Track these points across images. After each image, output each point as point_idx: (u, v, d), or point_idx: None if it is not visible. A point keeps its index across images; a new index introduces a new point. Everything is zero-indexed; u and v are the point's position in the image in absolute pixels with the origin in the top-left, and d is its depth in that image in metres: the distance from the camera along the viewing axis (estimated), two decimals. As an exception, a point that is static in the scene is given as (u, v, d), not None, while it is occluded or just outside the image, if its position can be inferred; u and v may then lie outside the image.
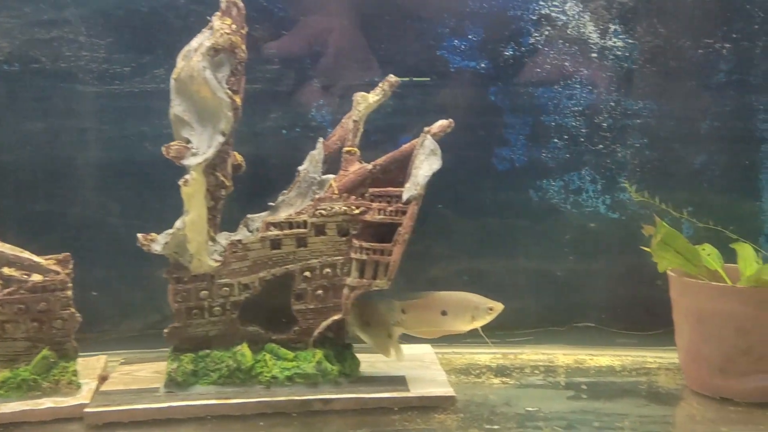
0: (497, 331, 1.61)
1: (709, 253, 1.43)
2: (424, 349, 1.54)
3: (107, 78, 1.53)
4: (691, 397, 1.34)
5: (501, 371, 1.48)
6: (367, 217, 1.30)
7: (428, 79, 1.60)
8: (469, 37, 1.59)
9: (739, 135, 1.59)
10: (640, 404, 1.31)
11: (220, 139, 1.26)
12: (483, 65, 1.60)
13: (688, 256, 1.34)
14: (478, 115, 1.61)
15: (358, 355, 1.39)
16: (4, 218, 1.43)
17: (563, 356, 1.58)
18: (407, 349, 1.54)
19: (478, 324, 1.35)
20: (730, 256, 1.39)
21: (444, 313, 1.36)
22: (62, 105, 1.52)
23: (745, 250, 1.41)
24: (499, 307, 1.35)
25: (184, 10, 1.53)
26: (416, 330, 1.37)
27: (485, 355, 1.58)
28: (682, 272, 1.39)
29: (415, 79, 1.60)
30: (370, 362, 1.43)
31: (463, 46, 1.59)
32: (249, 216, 1.39)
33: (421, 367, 1.44)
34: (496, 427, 1.21)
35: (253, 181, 1.51)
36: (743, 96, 1.58)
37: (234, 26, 1.28)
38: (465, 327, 1.35)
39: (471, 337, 1.40)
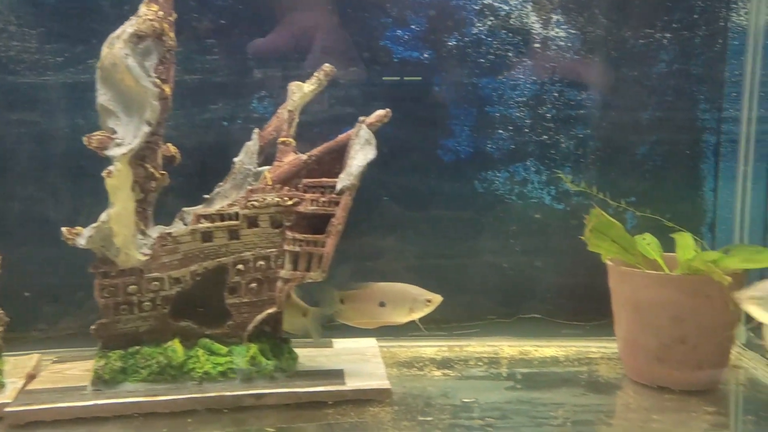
0: (443, 324, 1.61)
1: (648, 243, 1.43)
2: (368, 343, 1.53)
3: (39, 68, 1.49)
4: (629, 386, 1.34)
5: (444, 364, 1.47)
6: (301, 209, 1.28)
7: (420, 78, 1.58)
8: (412, 27, 1.57)
9: (681, 125, 1.60)
10: (578, 393, 1.30)
11: (146, 129, 1.22)
12: (426, 55, 1.58)
13: (625, 245, 1.34)
14: (422, 106, 1.59)
15: (299, 350, 1.37)
16: None
17: (508, 348, 1.57)
18: (352, 342, 1.53)
19: (415, 316, 1.33)
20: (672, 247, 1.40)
21: (382, 304, 1.34)
22: (-8, 96, 1.48)
23: (684, 239, 1.42)
24: (437, 299, 1.34)
25: (118, -1, 1.50)
26: (354, 321, 1.35)
27: (431, 348, 1.56)
28: (621, 261, 1.38)
29: (406, 78, 1.58)
30: (310, 356, 1.41)
31: (406, 36, 1.58)
32: (185, 209, 1.36)
33: (361, 360, 1.42)
34: (429, 418, 1.20)
35: (194, 173, 1.49)
36: (684, 86, 1.58)
37: (161, 13, 1.25)
38: (403, 318, 1.34)
39: (415, 330, 1.39)
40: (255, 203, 1.28)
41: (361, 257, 1.59)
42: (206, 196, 1.36)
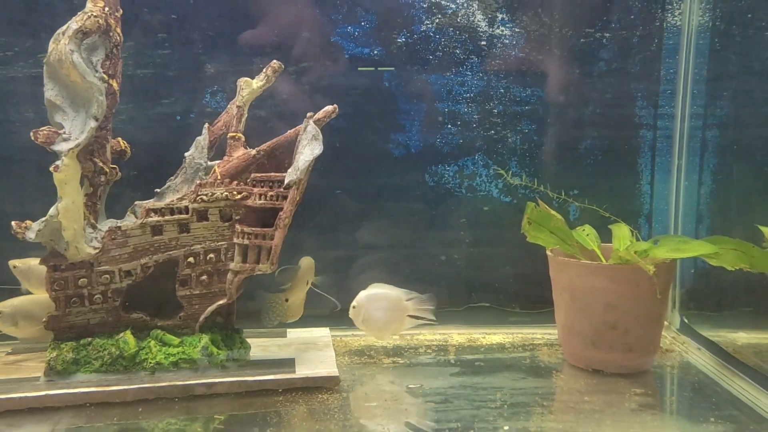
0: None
1: (588, 234, 1.50)
2: (321, 332, 1.57)
3: (-13, 63, 1.49)
4: (567, 370, 1.41)
5: (395, 352, 1.52)
6: (249, 202, 1.31)
7: (392, 68, 1.61)
8: (362, 24, 1.61)
9: (619, 121, 1.67)
10: (518, 378, 1.37)
11: (93, 124, 1.24)
12: (376, 52, 1.62)
13: (562, 236, 1.40)
14: (373, 101, 1.63)
15: (252, 340, 1.40)
16: None
17: (458, 335, 1.63)
18: (306, 332, 1.57)
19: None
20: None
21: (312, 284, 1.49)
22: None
23: (621, 230, 1.49)
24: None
25: (68, -7, 1.50)
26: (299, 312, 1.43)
27: (383, 337, 1.61)
28: (561, 252, 1.45)
29: (380, 68, 1.61)
30: (263, 346, 1.45)
31: (356, 33, 1.61)
32: (137, 203, 1.38)
33: (313, 349, 1.46)
34: (374, 404, 1.24)
35: (147, 167, 1.51)
36: (622, 84, 1.65)
37: (107, 9, 1.27)
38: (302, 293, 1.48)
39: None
40: (204, 197, 1.30)
41: (315, 249, 1.62)
42: (157, 190, 1.39)
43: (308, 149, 1.31)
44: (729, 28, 1.56)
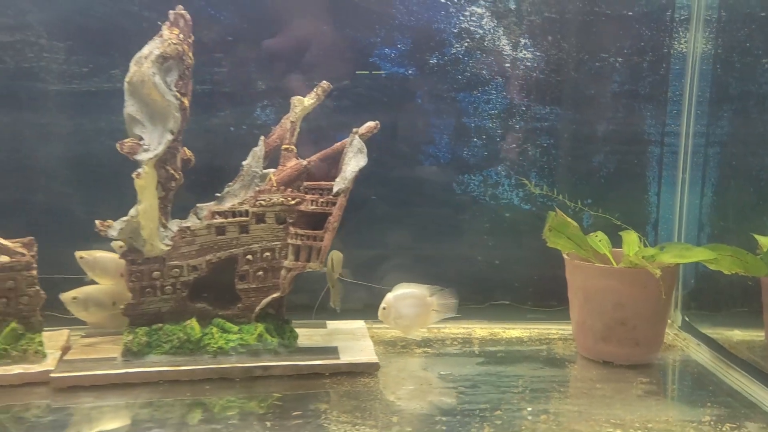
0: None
1: (600, 239, 1.66)
2: (358, 325, 1.74)
3: (66, 77, 1.66)
4: (580, 361, 1.57)
5: (424, 343, 1.68)
6: (302, 208, 1.48)
7: (383, 72, 1.77)
8: (398, 46, 1.78)
9: (630, 137, 1.84)
10: (536, 367, 1.53)
11: (169, 137, 1.41)
12: (410, 72, 1.79)
13: (578, 241, 1.57)
14: (406, 116, 1.80)
15: (299, 330, 1.57)
16: None
17: (480, 330, 1.80)
18: (343, 324, 1.74)
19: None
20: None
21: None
22: (25, 102, 1.65)
23: (630, 237, 1.65)
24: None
25: (137, 16, 1.67)
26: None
27: (412, 330, 1.78)
28: (576, 255, 1.62)
29: (374, 72, 1.77)
30: (307, 335, 1.62)
31: (392, 54, 1.78)
32: (198, 205, 1.55)
33: (352, 339, 1.63)
34: (411, 387, 1.41)
35: (203, 173, 1.68)
36: (633, 104, 1.82)
37: (181, 36, 1.44)
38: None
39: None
40: (263, 202, 1.48)
41: (350, 248, 1.79)
42: (218, 194, 1.56)
43: (354, 161, 1.49)
44: (729, 56, 1.72)
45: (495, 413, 1.27)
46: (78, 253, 1.59)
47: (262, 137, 1.56)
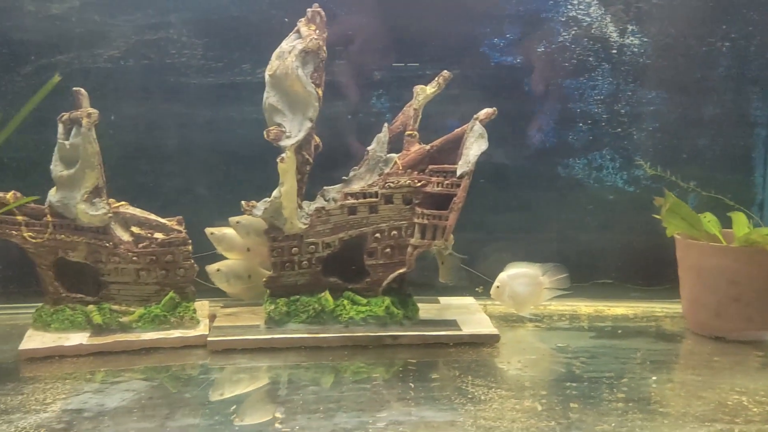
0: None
1: (709, 220, 1.70)
2: (468, 301, 1.84)
3: (204, 72, 1.82)
4: (692, 337, 1.63)
5: (532, 319, 1.78)
6: (428, 189, 1.59)
7: (417, 64, 1.85)
8: (507, 36, 1.86)
9: (736, 120, 1.87)
10: (650, 342, 1.60)
11: (309, 124, 1.54)
12: (518, 60, 1.87)
13: (692, 222, 1.62)
14: (513, 103, 1.88)
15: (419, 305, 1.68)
16: (126, 188, 1.69)
17: (585, 307, 1.87)
18: (454, 300, 1.84)
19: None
20: (727, 223, 1.67)
21: None
22: (167, 95, 1.81)
23: (739, 217, 1.69)
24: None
25: (266, 14, 1.81)
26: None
27: (519, 306, 1.87)
28: (686, 235, 1.67)
29: (409, 64, 1.86)
30: (425, 309, 1.72)
31: (501, 44, 1.86)
32: (325, 188, 1.68)
33: (467, 313, 1.73)
34: (533, 356, 1.51)
35: (324, 157, 1.80)
36: (739, 87, 1.85)
37: (318, 31, 1.56)
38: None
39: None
40: (391, 184, 1.59)
41: (463, 230, 1.89)
42: (345, 177, 1.68)
43: (476, 145, 1.58)
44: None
45: (621, 380, 1.35)
46: (208, 229, 1.72)
47: (385, 124, 1.67)
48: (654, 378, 1.37)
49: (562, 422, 1.17)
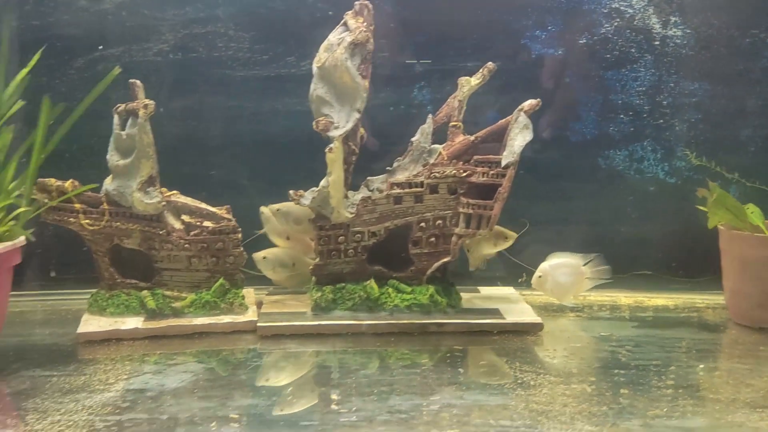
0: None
1: (752, 212, 1.70)
2: (509, 291, 1.86)
3: (250, 64, 1.85)
4: (735, 328, 1.63)
5: (573, 308, 1.79)
6: (473, 179, 1.61)
7: (430, 60, 1.87)
8: (549, 28, 1.87)
9: (778, 112, 1.87)
10: (693, 332, 1.61)
11: (357, 115, 1.57)
12: (560, 52, 1.88)
13: (736, 213, 1.62)
14: (554, 94, 1.89)
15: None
16: (174, 178, 1.73)
17: (625, 298, 1.87)
18: (494, 290, 1.86)
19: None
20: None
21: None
22: (215, 87, 1.85)
23: (784, 209, 1.69)
24: (512, 235, 1.72)
25: (311, 7, 1.84)
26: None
27: (558, 297, 1.89)
28: (730, 226, 1.67)
29: (421, 61, 1.88)
30: (466, 299, 1.75)
31: (543, 36, 1.87)
32: (369, 178, 1.70)
33: (509, 303, 1.75)
34: (578, 345, 1.52)
35: (367, 148, 1.82)
36: (782, 78, 1.85)
37: (365, 24, 1.59)
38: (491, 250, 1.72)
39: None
40: (437, 174, 1.61)
41: (506, 222, 1.91)
42: (389, 168, 1.70)
43: (521, 136, 1.59)
44: None
45: (669, 368, 1.37)
46: (262, 208, 1.74)
47: (430, 115, 1.69)
48: (701, 366, 1.38)
49: (613, 407, 1.19)
